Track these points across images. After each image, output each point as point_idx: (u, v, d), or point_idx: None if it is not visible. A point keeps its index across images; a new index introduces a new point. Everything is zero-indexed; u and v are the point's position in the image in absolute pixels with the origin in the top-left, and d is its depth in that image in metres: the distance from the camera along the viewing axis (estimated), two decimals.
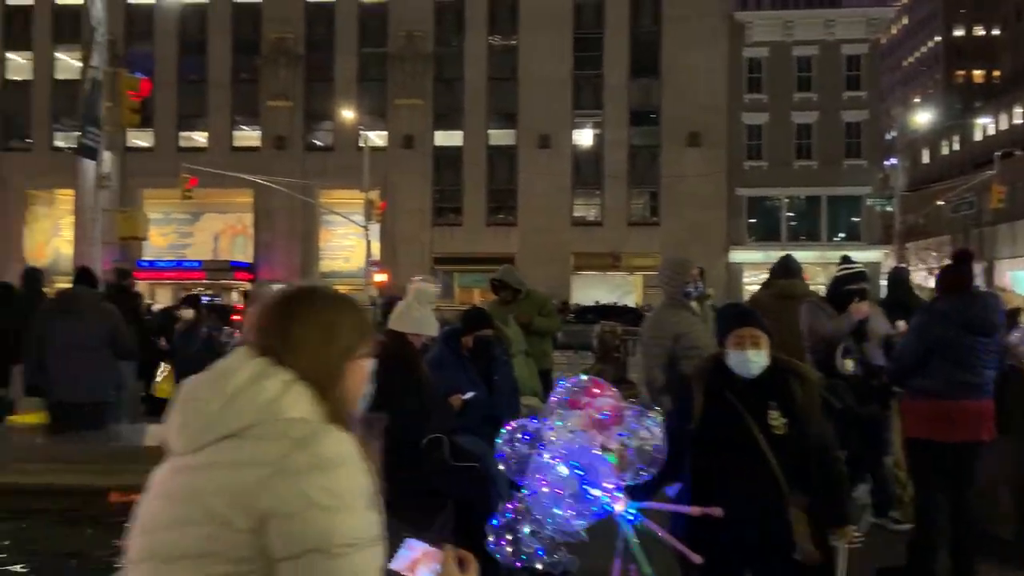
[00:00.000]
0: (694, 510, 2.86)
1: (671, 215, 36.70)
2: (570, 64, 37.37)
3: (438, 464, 4.67)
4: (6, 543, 5.09)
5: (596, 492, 2.55)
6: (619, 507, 2.59)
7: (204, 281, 36.47)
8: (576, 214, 38.05)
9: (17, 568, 4.82)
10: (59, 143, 37.97)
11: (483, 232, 37.46)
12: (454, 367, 5.30)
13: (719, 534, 2.92)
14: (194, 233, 40.21)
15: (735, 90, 36.96)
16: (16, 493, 5.82)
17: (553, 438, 2.63)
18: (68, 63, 38.25)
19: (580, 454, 2.57)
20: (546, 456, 2.60)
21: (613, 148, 37.42)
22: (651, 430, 2.73)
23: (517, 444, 2.73)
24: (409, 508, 4.30)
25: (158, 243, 35.90)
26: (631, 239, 37.06)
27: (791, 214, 37.96)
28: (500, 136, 38.27)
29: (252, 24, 38.11)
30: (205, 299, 13.09)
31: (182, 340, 8.70)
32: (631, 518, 2.62)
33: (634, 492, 2.69)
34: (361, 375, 1.54)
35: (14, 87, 38.48)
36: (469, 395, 5.06)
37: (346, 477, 1.37)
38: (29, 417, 6.60)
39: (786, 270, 6.35)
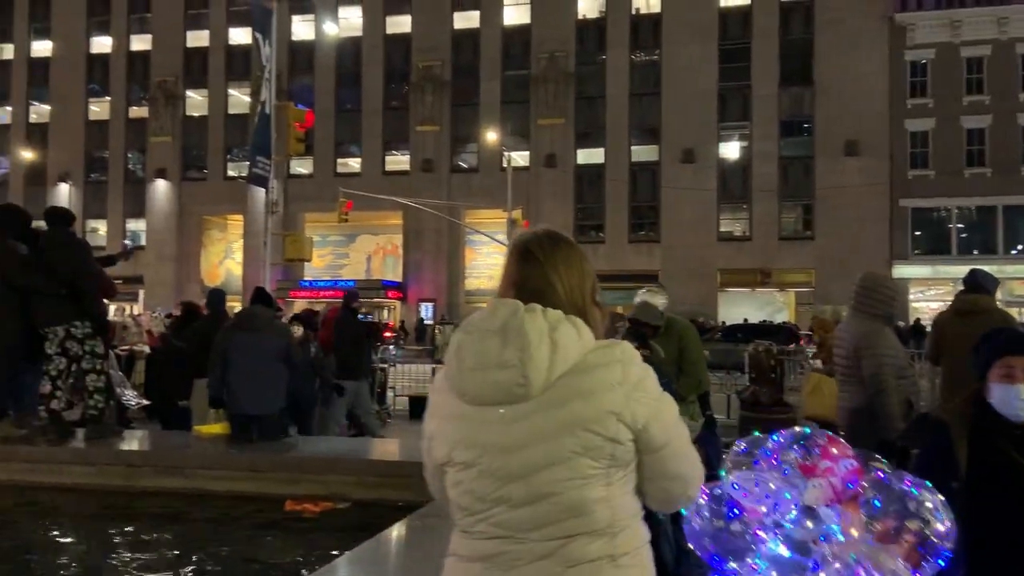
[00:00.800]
0: None
1: (826, 229, 34.90)
2: (715, 75, 36.51)
3: None
4: (191, 547, 5.46)
5: None
6: None
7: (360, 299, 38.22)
8: (723, 229, 36.96)
9: (202, 571, 5.14)
10: (232, 172, 41.21)
11: (626, 249, 37.11)
12: None
13: None
14: (349, 254, 42.34)
15: (897, 95, 34.75)
16: (201, 497, 6.28)
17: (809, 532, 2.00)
18: (239, 99, 41.58)
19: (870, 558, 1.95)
20: (782, 550, 2.02)
21: (762, 160, 36.13)
22: (931, 505, 2.05)
23: (720, 519, 2.08)
24: None
25: (317, 264, 38.03)
26: (782, 254, 35.55)
27: (961, 226, 35.11)
28: (643, 152, 37.89)
29: (403, 54, 39.89)
30: (363, 317, 13.73)
31: None
32: None
33: None
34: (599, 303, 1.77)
35: (193, 122, 42.14)
36: None
37: (648, 371, 1.65)
38: (213, 428, 7.08)
39: (974, 284, 5.84)
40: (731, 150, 37.22)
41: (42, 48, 43.72)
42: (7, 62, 44.01)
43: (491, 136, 36.32)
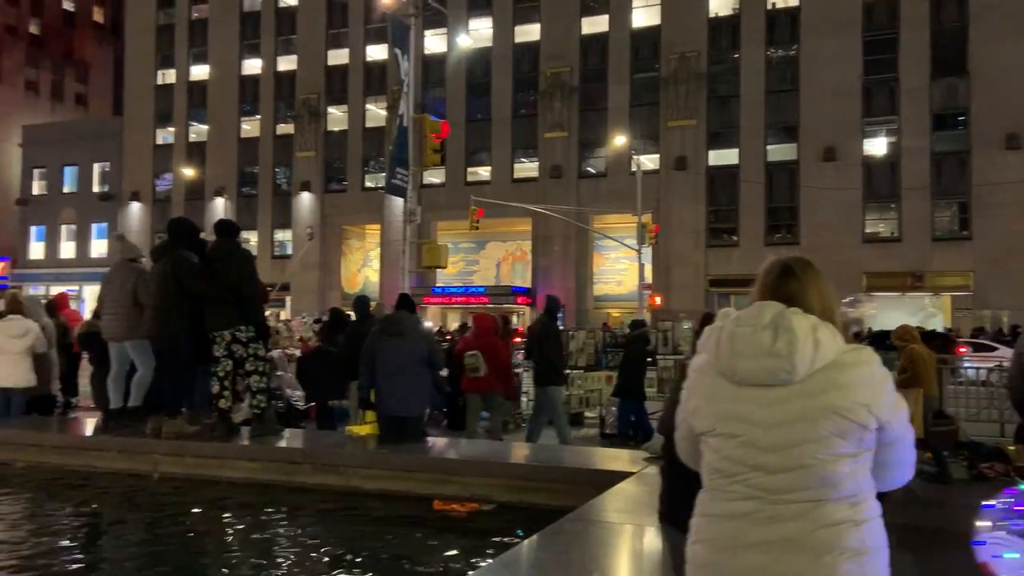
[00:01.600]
0: None
1: (986, 228, 32.33)
2: (859, 69, 34.63)
3: None
4: (347, 543, 5.68)
5: None
6: None
7: (488, 305, 38.89)
8: (868, 230, 34.98)
9: (357, 568, 5.34)
10: (369, 184, 42.97)
11: (762, 252, 35.16)
12: None
13: None
14: (479, 260, 43.15)
15: None
16: (355, 495, 6.55)
17: None
18: (375, 113, 43.35)
19: None
20: None
21: (912, 156, 33.93)
22: None
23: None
24: None
25: (448, 271, 38.98)
26: (936, 256, 33.23)
27: None
28: (779, 151, 36.46)
29: (531, 62, 40.32)
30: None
31: None
32: None
33: None
34: None
35: (334, 137, 44.27)
36: None
37: (888, 374, 1.97)
38: (362, 428, 7.38)
39: None
40: (877, 146, 35.17)
41: (200, 72, 47.23)
42: (169, 86, 47.83)
43: (619, 140, 36.05)
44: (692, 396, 2.08)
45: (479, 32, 40.57)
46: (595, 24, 39.38)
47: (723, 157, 37.18)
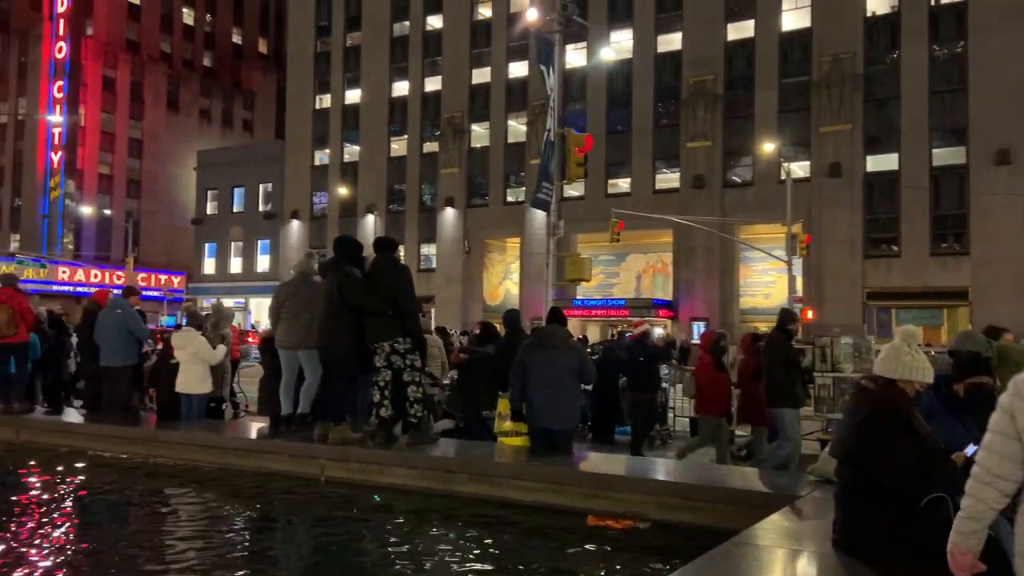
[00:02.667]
0: None
1: None
2: None
3: (942, 526, 4.14)
4: (502, 554, 5.73)
5: None
6: None
7: (628, 318, 38.49)
8: None
9: None
10: (510, 198, 43.72)
11: (927, 264, 33.39)
12: (946, 418, 4.71)
13: None
14: (619, 273, 42.82)
15: None
16: (508, 505, 6.63)
17: None
18: (516, 128, 44.10)
19: None
20: None
21: None
22: None
23: None
24: (905, 566, 3.85)
25: (588, 283, 38.89)
26: None
27: None
28: (946, 155, 33.92)
29: (673, 71, 39.72)
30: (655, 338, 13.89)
31: None
32: None
33: None
34: None
35: (476, 153, 45.42)
36: (971, 451, 4.42)
37: None
38: (515, 440, 7.47)
39: None
40: None
41: (353, 96, 49.86)
42: (326, 110, 50.78)
43: (767, 147, 34.77)
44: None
45: (620, 44, 40.43)
46: (741, 30, 38.29)
47: (882, 163, 35.05)
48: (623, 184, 41.02)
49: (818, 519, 4.80)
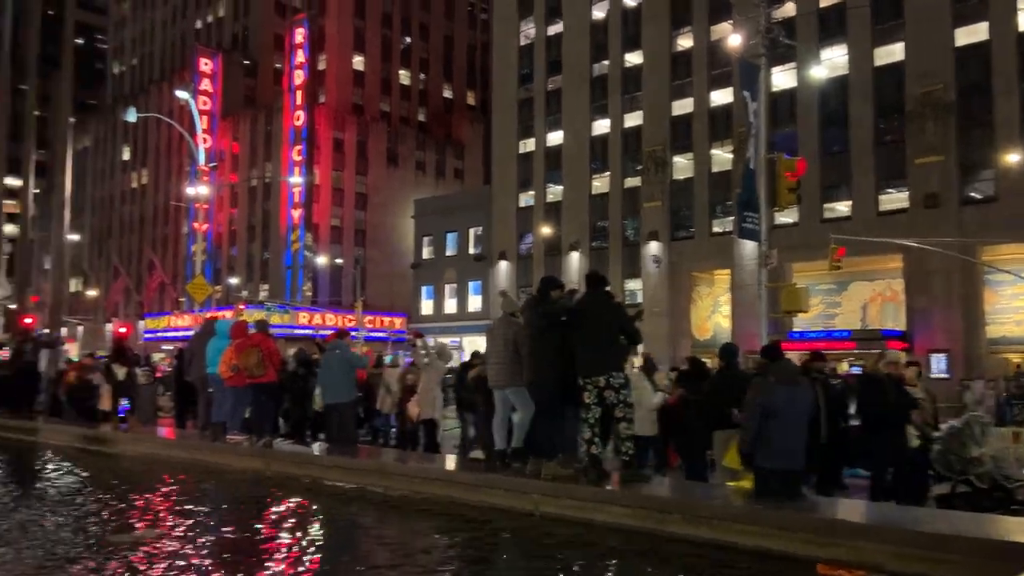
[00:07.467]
0: None
1: None
2: None
3: None
4: None
5: None
6: None
7: (854, 351, 35.74)
8: None
9: None
10: (716, 229, 42.51)
11: None
12: None
13: None
14: (841, 302, 39.99)
15: None
16: (727, 549, 6.30)
17: None
18: (721, 157, 42.95)
19: None
20: None
21: None
22: None
23: None
24: None
25: (806, 315, 36.71)
26: None
27: None
28: None
29: (895, 84, 36.88)
30: (856, 369, 12.84)
31: None
32: None
33: None
34: None
35: (679, 185, 44.72)
36: None
37: None
38: (743, 483, 7.11)
39: None
40: None
41: (555, 138, 51.19)
42: (529, 154, 52.51)
43: (1013, 158, 31.10)
44: None
45: (832, 61, 38.31)
46: (972, 33, 34.83)
47: None
48: (842, 207, 38.49)
49: None
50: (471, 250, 55.35)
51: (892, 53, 37.05)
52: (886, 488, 8.43)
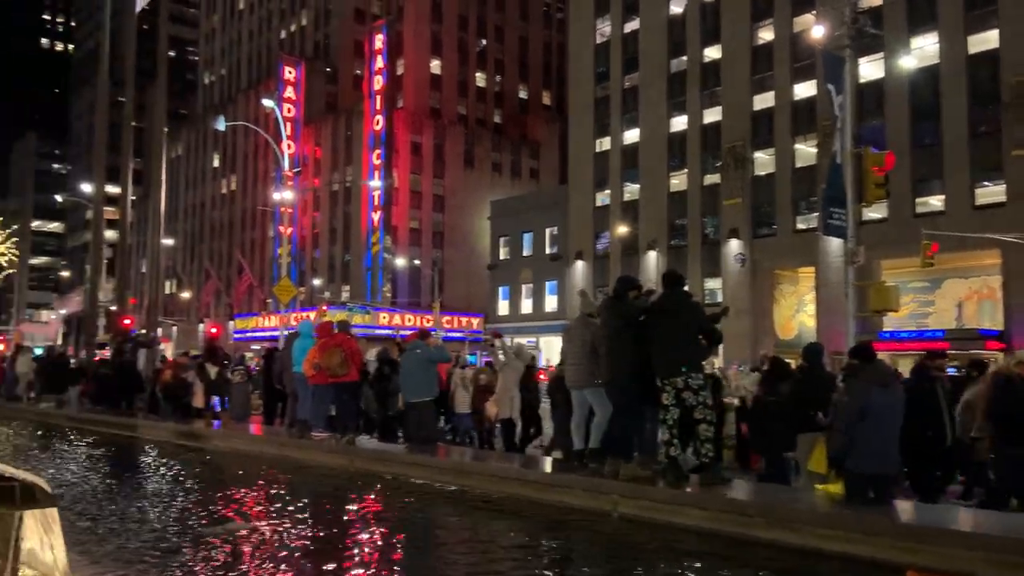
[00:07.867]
0: None
1: None
2: None
3: None
4: None
5: None
6: None
7: (949, 351, 34.11)
8: None
9: None
10: (800, 226, 41.33)
11: None
12: None
13: None
14: (934, 301, 38.30)
15: None
16: (812, 555, 6.16)
17: None
18: (804, 152, 41.71)
19: None
20: None
21: None
22: None
23: None
24: None
25: (897, 314, 35.26)
26: None
27: None
28: None
29: (989, 73, 35.10)
30: (951, 371, 12.38)
31: None
32: None
33: None
34: None
35: (761, 181, 43.66)
36: None
37: None
38: (831, 487, 6.93)
39: None
40: None
41: (632, 136, 50.70)
42: (605, 153, 52.17)
43: None
44: None
45: (922, 50, 36.75)
46: None
47: None
48: (934, 202, 36.88)
49: None
50: (547, 250, 55.39)
51: (986, 41, 35.30)
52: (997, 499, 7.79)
